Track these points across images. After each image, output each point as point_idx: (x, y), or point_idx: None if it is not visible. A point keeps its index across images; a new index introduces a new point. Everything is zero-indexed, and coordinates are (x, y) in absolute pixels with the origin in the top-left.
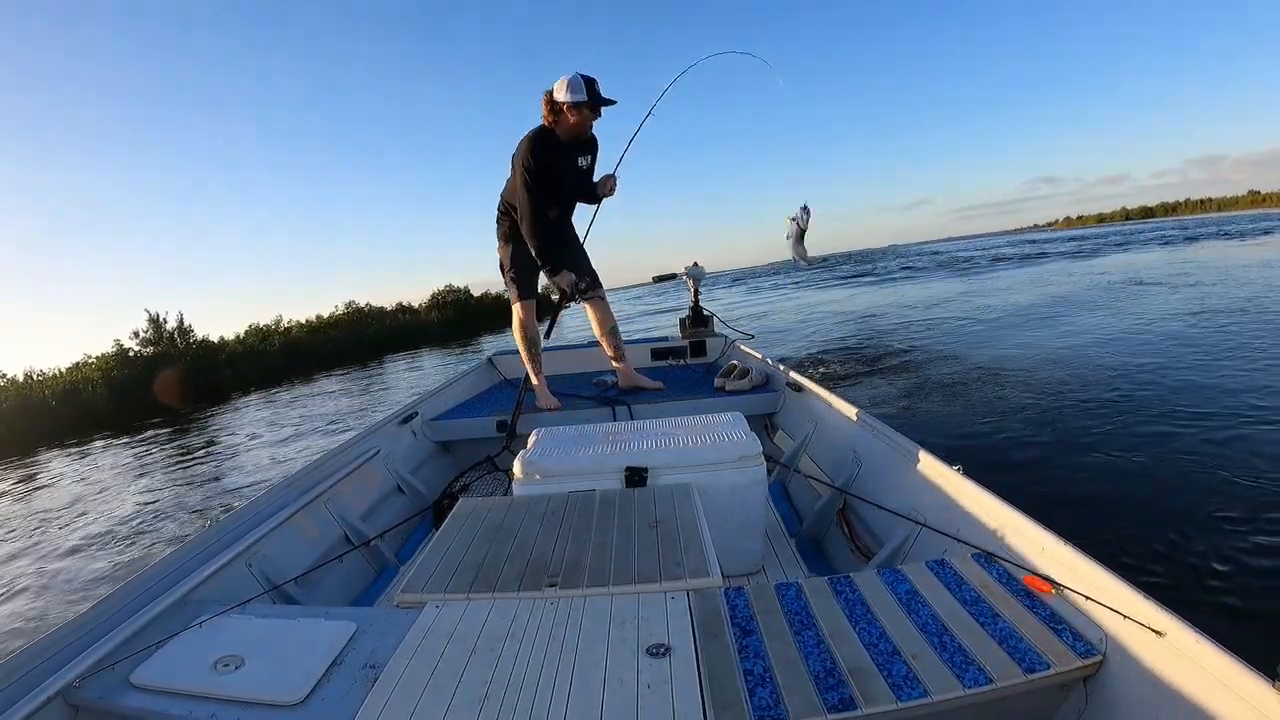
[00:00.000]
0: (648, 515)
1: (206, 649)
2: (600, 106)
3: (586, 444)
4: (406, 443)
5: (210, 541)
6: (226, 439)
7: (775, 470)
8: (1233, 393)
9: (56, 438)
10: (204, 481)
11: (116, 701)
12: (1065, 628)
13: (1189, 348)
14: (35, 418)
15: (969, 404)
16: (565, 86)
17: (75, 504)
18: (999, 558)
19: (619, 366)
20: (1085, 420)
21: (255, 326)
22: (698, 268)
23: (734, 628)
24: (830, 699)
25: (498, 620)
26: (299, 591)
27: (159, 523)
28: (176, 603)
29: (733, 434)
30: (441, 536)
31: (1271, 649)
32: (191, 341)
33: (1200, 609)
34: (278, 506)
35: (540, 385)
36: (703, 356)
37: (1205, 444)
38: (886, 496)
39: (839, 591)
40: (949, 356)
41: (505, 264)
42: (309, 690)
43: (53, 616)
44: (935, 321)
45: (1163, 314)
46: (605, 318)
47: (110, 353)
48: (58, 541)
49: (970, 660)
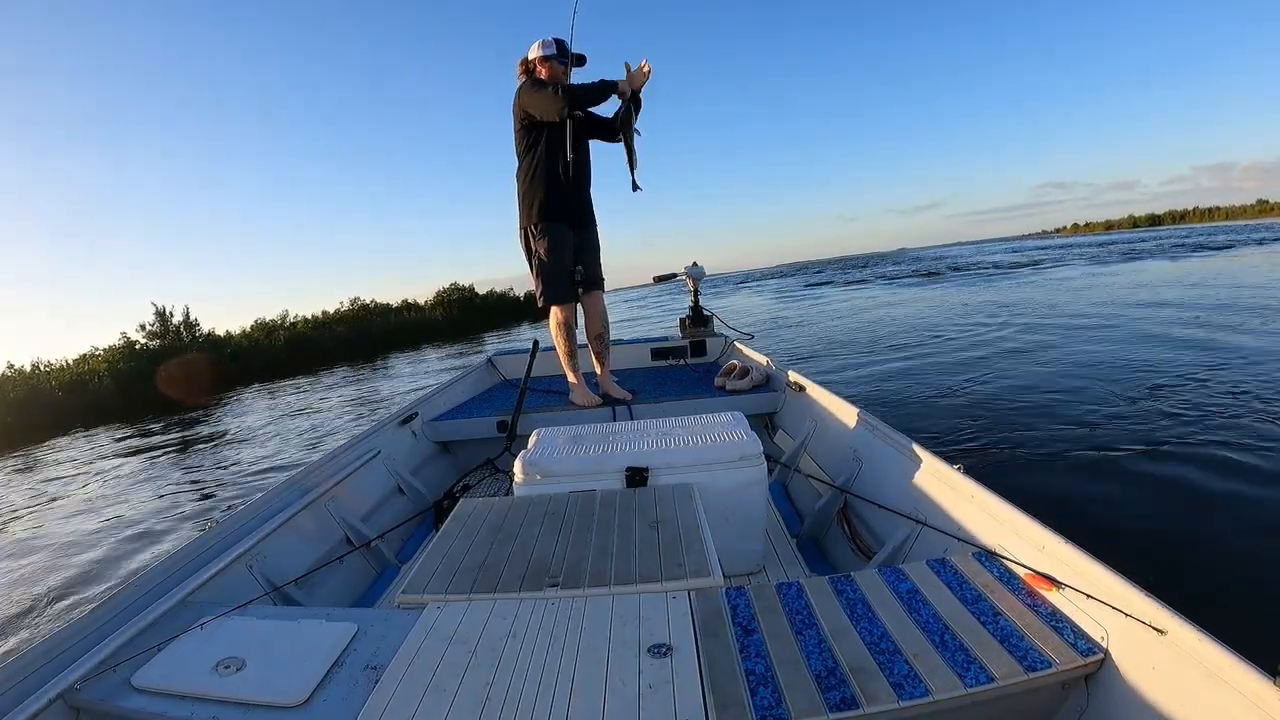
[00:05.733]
0: (649, 515)
1: (207, 650)
2: (569, 62)
3: (587, 444)
4: (407, 443)
5: (211, 543)
6: (227, 431)
7: (776, 470)
8: (1235, 392)
9: (62, 428)
10: (200, 474)
11: (118, 703)
12: (1066, 626)
13: (1190, 346)
14: (42, 408)
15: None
16: (538, 46)
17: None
18: (1000, 556)
19: (600, 371)
20: (1084, 418)
21: (261, 321)
22: (698, 268)
23: (735, 627)
24: (832, 698)
25: (499, 621)
26: (300, 593)
27: (149, 520)
28: (177, 604)
29: (733, 434)
30: (442, 537)
31: (1273, 646)
32: (198, 335)
33: (1201, 607)
34: (278, 508)
35: (580, 384)
36: (703, 356)
37: (1206, 443)
38: (887, 496)
39: (840, 591)
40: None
41: (535, 264)
42: (310, 692)
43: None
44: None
45: (1167, 318)
46: (597, 319)
47: (117, 345)
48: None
49: (972, 659)
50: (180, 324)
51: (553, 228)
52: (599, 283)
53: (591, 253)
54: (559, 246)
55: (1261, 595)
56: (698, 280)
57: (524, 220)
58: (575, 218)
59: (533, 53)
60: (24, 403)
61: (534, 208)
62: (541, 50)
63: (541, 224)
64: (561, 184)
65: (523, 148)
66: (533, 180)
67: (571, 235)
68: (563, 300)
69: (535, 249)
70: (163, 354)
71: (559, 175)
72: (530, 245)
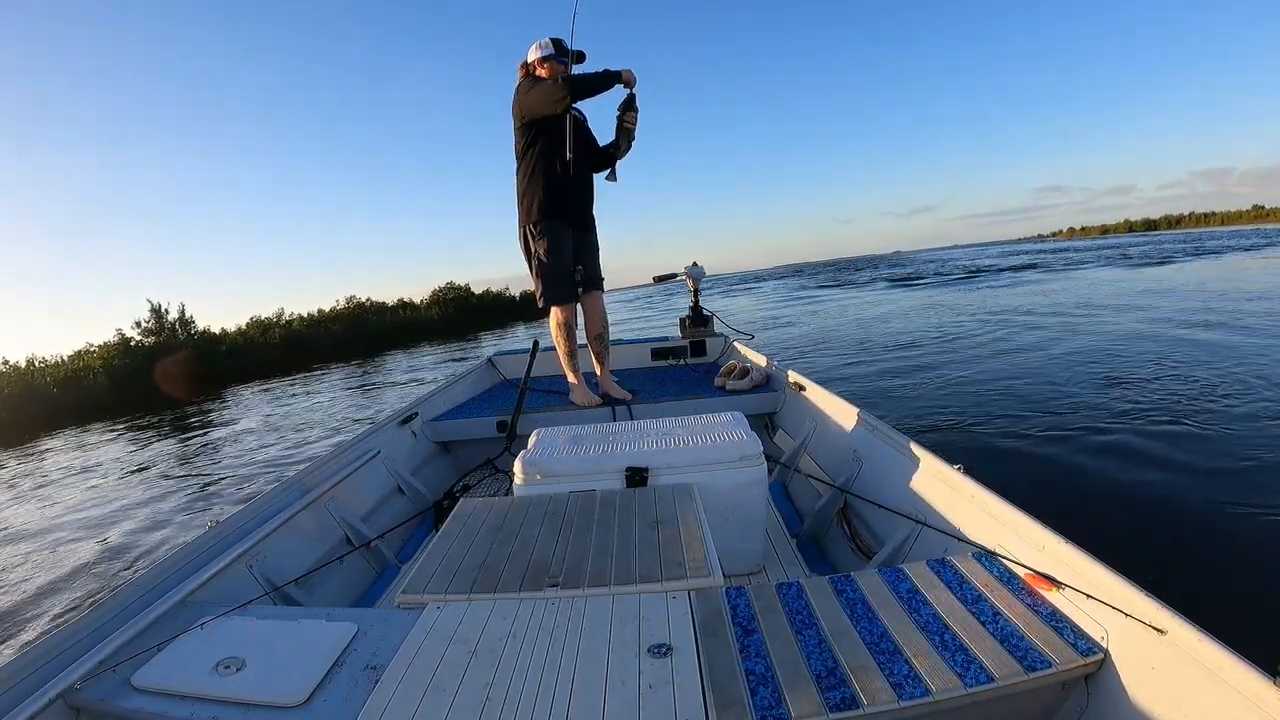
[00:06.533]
0: (649, 515)
1: (208, 650)
2: (570, 59)
3: (587, 444)
4: (407, 443)
5: (211, 543)
6: (220, 428)
7: (776, 470)
8: (1238, 391)
9: (57, 425)
10: (188, 469)
11: (118, 703)
12: (1066, 626)
13: (1187, 347)
14: (37, 405)
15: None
16: (535, 48)
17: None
18: (1000, 556)
19: (600, 371)
20: (1083, 418)
21: (256, 319)
22: (697, 268)
23: (735, 627)
24: (832, 698)
25: (499, 621)
26: (300, 593)
27: (136, 517)
28: (177, 604)
29: (733, 434)
30: (442, 537)
31: (1273, 646)
32: (193, 332)
33: (1201, 606)
34: (278, 508)
35: (580, 384)
36: (703, 356)
37: (1206, 441)
38: (887, 495)
39: (840, 591)
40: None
41: (535, 264)
42: (310, 691)
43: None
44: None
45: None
46: (597, 319)
47: (112, 342)
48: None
49: (972, 659)
50: (175, 321)
51: (552, 227)
52: (598, 283)
53: (591, 253)
54: (559, 246)
55: (1261, 595)
56: (698, 280)
57: (523, 220)
58: (575, 218)
59: (531, 55)
60: (19, 399)
61: (533, 207)
62: (540, 52)
63: (541, 223)
64: (561, 183)
65: (522, 148)
66: (532, 179)
67: (571, 235)
68: (563, 300)
69: (535, 249)
70: (158, 351)
71: (558, 174)
72: (530, 245)
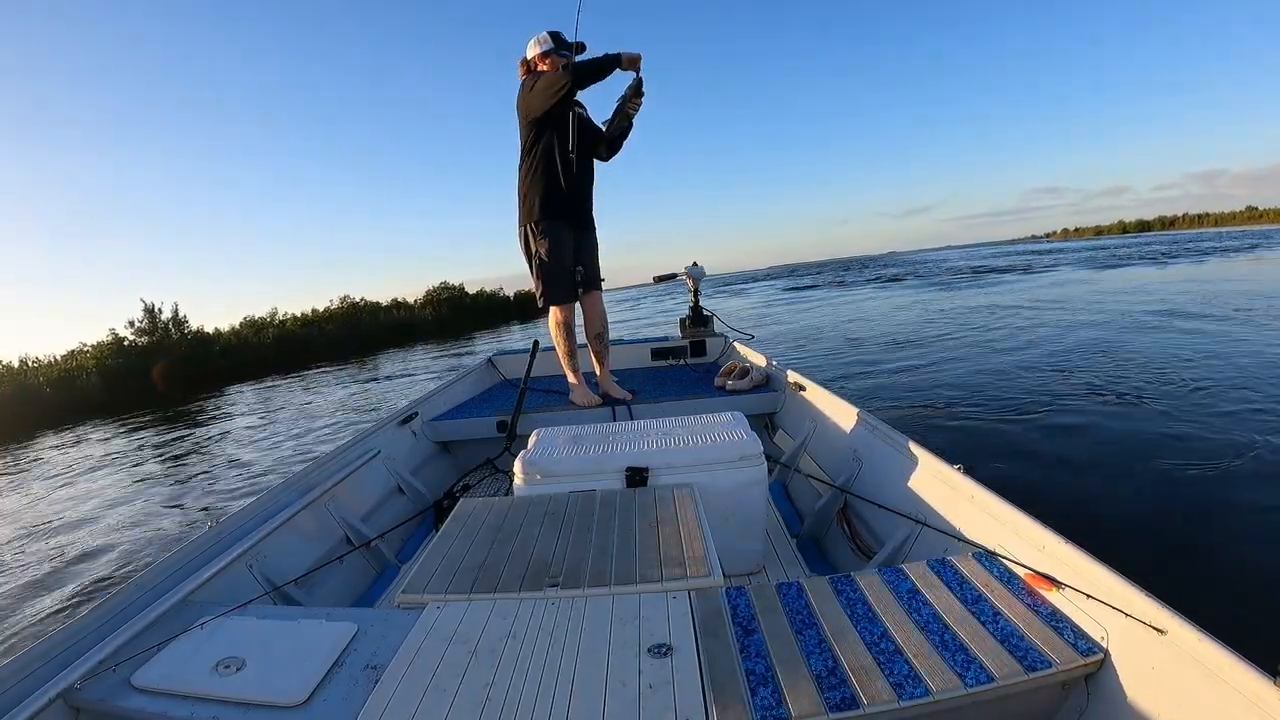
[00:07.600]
0: (649, 515)
1: (208, 650)
2: (571, 50)
3: (587, 444)
4: (407, 443)
5: (211, 543)
6: (210, 427)
7: (776, 470)
8: (1240, 389)
9: (50, 424)
10: (177, 468)
11: (118, 703)
12: (1067, 626)
13: (1187, 346)
14: (29, 404)
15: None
16: (535, 44)
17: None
18: (1000, 556)
19: (599, 371)
20: (1082, 416)
21: (250, 319)
22: (697, 268)
23: (735, 627)
24: (832, 698)
25: (499, 621)
26: (300, 593)
27: (125, 514)
28: (177, 604)
29: (733, 434)
30: (442, 537)
31: (1273, 646)
32: (186, 332)
33: (1201, 606)
34: (278, 508)
35: (580, 384)
36: (703, 356)
37: (1206, 440)
38: (887, 496)
39: (840, 591)
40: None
41: (535, 263)
42: (310, 691)
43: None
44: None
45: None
46: (596, 319)
47: (106, 341)
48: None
49: (972, 659)
50: (169, 321)
51: (553, 226)
52: (598, 283)
53: (591, 253)
54: (559, 246)
55: (1262, 595)
56: (698, 280)
57: (524, 219)
58: (575, 217)
59: (530, 51)
60: (11, 398)
61: (534, 206)
62: (539, 47)
63: (542, 222)
64: (562, 182)
65: (528, 144)
66: (533, 178)
67: (571, 235)
68: (563, 300)
69: (535, 249)
70: (151, 351)
71: (559, 173)
72: (530, 245)
